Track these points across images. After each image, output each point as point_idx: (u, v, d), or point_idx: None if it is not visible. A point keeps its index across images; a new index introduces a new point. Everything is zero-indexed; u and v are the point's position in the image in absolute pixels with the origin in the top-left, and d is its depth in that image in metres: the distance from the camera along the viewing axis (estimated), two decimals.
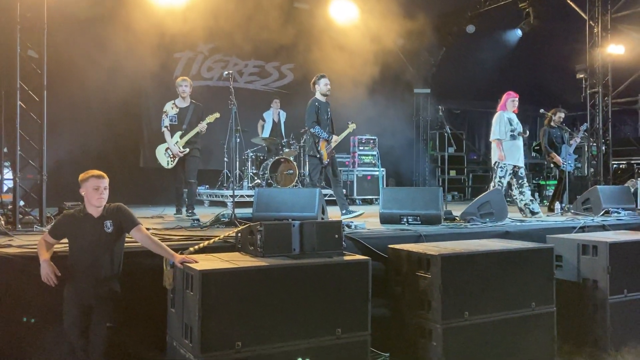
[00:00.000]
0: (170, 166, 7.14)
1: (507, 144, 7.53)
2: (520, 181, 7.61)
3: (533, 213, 7.45)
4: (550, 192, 10.39)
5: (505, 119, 7.64)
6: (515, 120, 7.74)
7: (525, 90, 7.80)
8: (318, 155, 7.24)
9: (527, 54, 13.60)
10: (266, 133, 10.95)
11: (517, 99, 7.78)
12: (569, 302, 5.20)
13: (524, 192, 7.62)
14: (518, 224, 6.58)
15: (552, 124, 8.97)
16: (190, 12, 11.26)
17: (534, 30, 12.14)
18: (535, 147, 13.79)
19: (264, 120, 11.10)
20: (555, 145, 8.85)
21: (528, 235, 5.91)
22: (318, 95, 7.37)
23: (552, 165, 9.13)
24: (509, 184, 7.63)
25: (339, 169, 11.76)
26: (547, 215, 7.92)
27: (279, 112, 11.23)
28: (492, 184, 7.60)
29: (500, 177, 7.49)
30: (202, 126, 7.02)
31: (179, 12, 11.23)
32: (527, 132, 8.11)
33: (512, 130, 7.57)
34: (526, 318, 4.64)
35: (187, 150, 7.07)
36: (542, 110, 9.12)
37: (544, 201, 11.48)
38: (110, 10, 10.54)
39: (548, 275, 4.81)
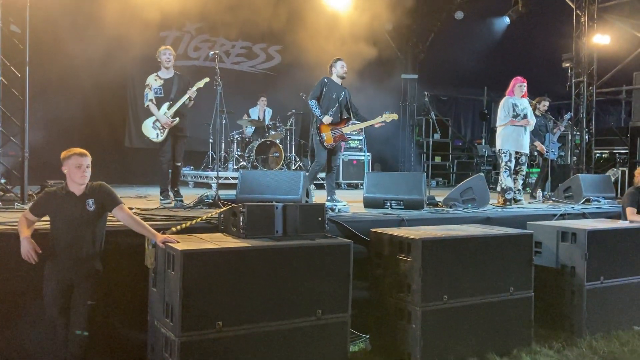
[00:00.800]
0: (160, 139, 6.58)
1: (509, 129, 7.46)
2: (517, 168, 7.56)
3: (515, 201, 7.50)
4: (533, 179, 10.48)
5: (509, 103, 7.52)
6: (522, 106, 7.57)
7: (511, 79, 7.83)
8: (318, 138, 6.98)
9: (515, 42, 13.64)
10: (250, 130, 10.86)
11: (524, 84, 7.63)
12: (546, 288, 5.30)
13: (516, 180, 7.60)
14: (499, 210, 6.66)
15: (536, 112, 9.02)
16: None
17: (522, 18, 12.18)
18: None
19: (249, 116, 11.02)
20: (540, 133, 8.91)
21: (509, 222, 5.98)
22: (334, 77, 7.14)
23: (535, 153, 9.22)
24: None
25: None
26: (529, 202, 8.01)
27: (264, 110, 11.15)
28: (501, 170, 7.52)
29: (506, 162, 7.42)
30: (192, 92, 6.58)
31: None
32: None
33: (515, 116, 7.45)
34: (504, 302, 4.73)
35: (177, 120, 6.61)
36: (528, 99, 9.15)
37: (527, 188, 11.58)
38: None
39: (527, 261, 4.90)
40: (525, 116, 7.53)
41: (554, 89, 12.81)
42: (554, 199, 8.24)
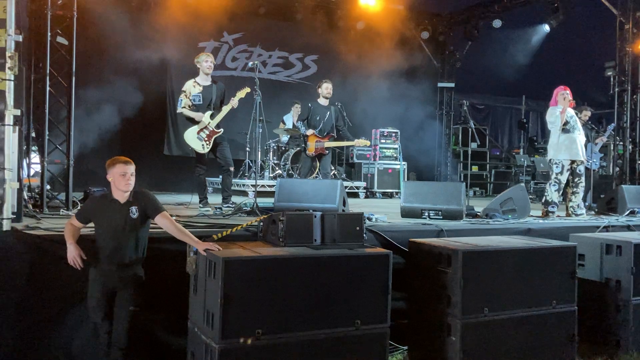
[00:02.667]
0: (206, 150, 6.58)
1: (560, 137, 7.13)
2: (576, 179, 7.24)
3: (576, 215, 7.24)
4: None
5: (556, 112, 7.21)
6: (570, 114, 7.27)
7: (551, 88, 7.69)
8: (303, 145, 8.20)
9: (554, 50, 13.42)
10: (285, 138, 10.95)
11: (567, 92, 7.29)
12: (590, 302, 5.14)
13: (576, 192, 7.32)
14: (541, 221, 6.53)
15: None
16: (216, 2, 11.33)
17: (561, 25, 11.95)
18: None
19: (284, 124, 11.10)
20: None
21: (551, 233, 5.85)
22: (320, 99, 8.15)
23: None
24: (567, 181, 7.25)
25: (361, 162, 11.85)
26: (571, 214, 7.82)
27: (298, 115, 11.22)
28: (549, 182, 7.30)
29: (556, 174, 7.17)
30: (235, 102, 6.65)
31: (205, 2, 11.30)
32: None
33: (565, 123, 7.14)
34: (546, 316, 4.61)
35: (222, 130, 6.68)
36: None
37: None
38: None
39: (570, 273, 4.76)
40: (576, 122, 7.26)
41: (596, 98, 12.54)
42: (596, 210, 8.03)
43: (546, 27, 12.38)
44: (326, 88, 8.14)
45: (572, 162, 7.21)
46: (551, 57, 13.60)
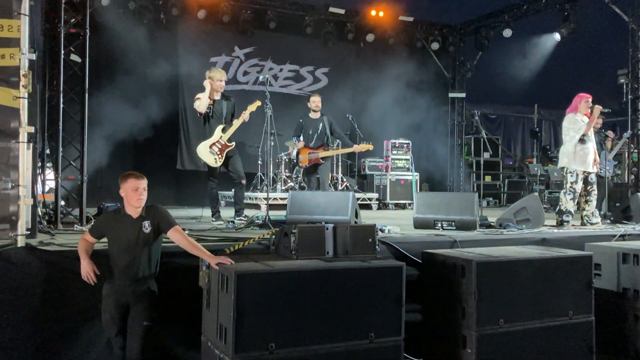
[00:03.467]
0: (218, 164, 6.64)
1: (575, 147, 7.08)
2: (588, 188, 7.20)
3: (591, 224, 7.17)
4: None
5: (574, 119, 7.15)
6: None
7: (563, 96, 7.62)
8: (295, 160, 8.61)
9: (566, 58, 13.35)
10: (295, 152, 10.95)
11: (590, 99, 7.24)
12: (608, 312, 5.06)
13: (589, 200, 7.27)
14: (555, 230, 6.46)
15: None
16: (227, 17, 11.45)
17: (573, 34, 11.90)
18: None
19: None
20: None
21: (565, 243, 5.78)
22: (310, 113, 8.46)
23: None
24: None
25: (373, 174, 11.83)
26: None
27: None
28: (563, 190, 7.23)
29: (571, 183, 7.09)
30: (246, 115, 6.69)
31: (216, 17, 11.43)
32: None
33: (584, 134, 7.04)
34: (563, 327, 4.54)
35: (234, 143, 6.75)
36: None
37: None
38: (150, 15, 10.78)
39: (586, 283, 4.70)
40: (592, 133, 7.23)
41: (609, 105, 12.42)
42: (612, 219, 7.93)
43: (557, 36, 12.32)
44: (313, 101, 8.43)
45: (584, 172, 7.17)
46: (563, 65, 13.54)
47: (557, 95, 15.93)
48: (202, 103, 6.65)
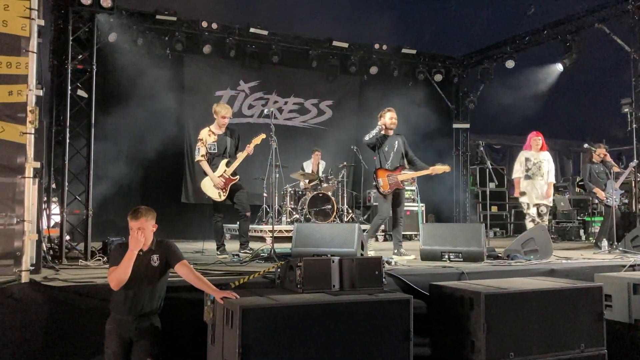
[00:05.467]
0: (222, 198, 6.64)
1: (524, 182, 8.12)
2: (539, 218, 7.97)
3: None
4: (596, 228, 10.06)
5: (522, 158, 8.26)
6: (535, 159, 8.17)
7: (568, 125, 7.72)
8: (374, 183, 7.07)
9: (569, 88, 13.42)
10: (302, 184, 11.00)
11: (539, 137, 8.37)
12: (620, 344, 4.96)
13: None
14: (564, 261, 6.38)
15: (593, 159, 8.83)
16: (231, 52, 11.61)
17: (576, 64, 11.99)
18: (579, 183, 13.47)
19: (303, 170, 11.16)
20: (599, 180, 8.66)
21: (575, 274, 5.71)
22: (384, 131, 7.08)
23: (596, 200, 8.91)
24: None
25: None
26: (594, 253, 7.66)
27: (318, 163, 11.26)
28: (527, 220, 8.09)
29: (526, 213, 8.09)
30: (250, 149, 6.69)
31: (221, 52, 11.59)
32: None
33: (527, 169, 8.09)
34: None
35: (238, 177, 6.72)
36: (586, 145, 8.96)
37: (590, 238, 11.12)
38: (156, 50, 10.94)
39: (597, 315, 4.61)
40: (539, 169, 8.11)
41: (614, 135, 12.44)
42: (621, 248, 7.84)
43: (560, 66, 12.41)
44: (391, 117, 7.05)
45: (535, 204, 8.06)
46: (566, 96, 13.60)
47: (561, 125, 16.01)
48: (203, 164, 6.72)
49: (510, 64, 12.74)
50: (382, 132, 7.01)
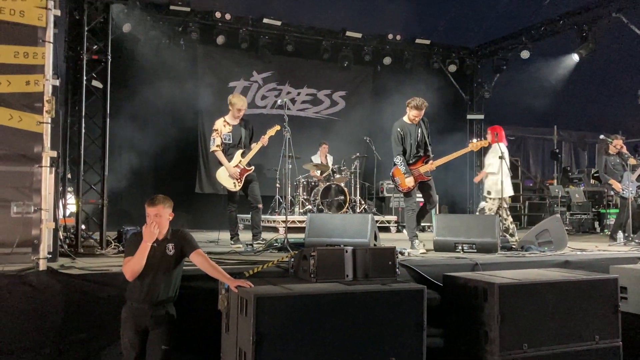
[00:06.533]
0: (237, 188, 6.67)
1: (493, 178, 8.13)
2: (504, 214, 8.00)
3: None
4: (611, 220, 9.98)
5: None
6: (500, 153, 7.91)
7: (584, 117, 7.62)
8: (393, 185, 6.83)
9: (585, 79, 13.26)
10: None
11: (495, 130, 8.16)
12: (635, 336, 4.93)
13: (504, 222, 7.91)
14: (579, 253, 6.34)
15: (609, 151, 8.73)
16: (245, 42, 11.61)
17: (592, 54, 11.83)
18: (595, 175, 13.36)
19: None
20: (615, 172, 8.57)
21: (590, 265, 5.67)
22: (405, 118, 6.74)
23: (612, 192, 8.83)
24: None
25: (391, 196, 11.77)
26: (609, 245, 7.60)
27: (326, 156, 11.24)
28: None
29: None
30: (265, 140, 6.72)
31: (234, 43, 11.59)
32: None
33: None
34: (590, 352, 4.42)
35: (253, 168, 6.76)
36: (602, 136, 8.86)
37: (605, 230, 11.04)
38: (170, 41, 10.96)
39: (613, 307, 4.58)
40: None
41: (630, 126, 12.30)
42: (636, 241, 7.78)
43: (575, 57, 12.26)
44: (415, 116, 6.64)
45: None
46: (582, 86, 13.44)
47: (576, 116, 15.84)
48: (218, 154, 6.72)
49: (525, 54, 12.59)
50: (404, 122, 6.71)
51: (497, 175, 7.93)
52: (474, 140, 7.04)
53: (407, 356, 3.84)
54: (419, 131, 6.70)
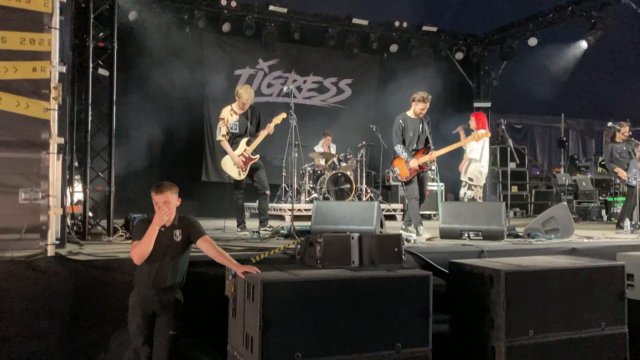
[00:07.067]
0: (242, 177, 6.71)
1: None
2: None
3: None
4: (618, 208, 9.94)
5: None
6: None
7: (591, 105, 7.56)
8: (393, 175, 7.14)
9: (593, 66, 13.17)
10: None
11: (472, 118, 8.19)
12: None
13: None
14: (585, 240, 6.33)
15: (616, 139, 8.67)
16: (250, 30, 11.57)
17: (600, 41, 11.73)
18: (601, 163, 13.29)
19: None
20: (621, 160, 8.51)
21: (596, 253, 5.66)
22: (409, 112, 6.96)
23: (618, 181, 8.79)
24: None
25: (397, 184, 11.75)
26: (617, 233, 7.58)
27: (329, 146, 11.21)
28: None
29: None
30: (271, 128, 6.72)
31: (240, 31, 11.56)
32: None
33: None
34: (595, 339, 4.43)
35: (258, 156, 6.78)
36: (610, 124, 8.79)
37: (612, 218, 11.00)
38: (175, 29, 10.95)
39: (619, 294, 4.58)
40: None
41: (638, 114, 12.21)
42: None
43: (584, 44, 12.15)
44: (421, 109, 6.85)
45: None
46: (590, 74, 13.34)
47: (584, 104, 15.75)
48: (224, 144, 6.75)
49: (532, 41, 12.50)
50: (407, 116, 6.91)
51: (479, 162, 8.02)
52: (473, 132, 7.26)
53: (413, 342, 3.85)
54: (421, 126, 6.89)
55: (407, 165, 6.77)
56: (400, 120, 6.87)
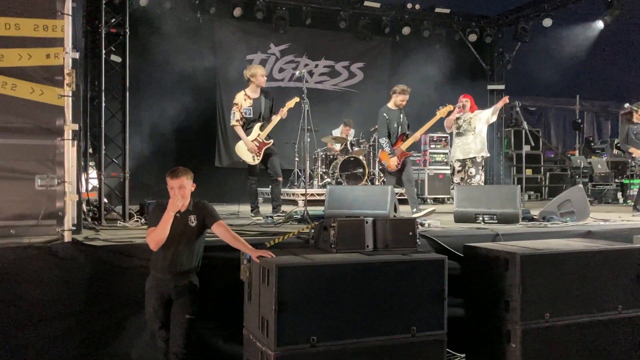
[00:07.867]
0: (256, 161, 6.70)
1: (455, 140, 7.90)
2: (468, 180, 7.72)
3: None
4: (634, 191, 9.82)
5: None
6: (465, 118, 7.74)
7: (607, 86, 7.42)
8: (381, 167, 7.65)
9: (609, 47, 12.96)
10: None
11: (466, 99, 7.87)
12: None
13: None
14: (601, 223, 6.27)
15: (633, 120, 8.54)
16: (262, 15, 11.52)
17: (617, 21, 11.52)
18: (617, 145, 13.13)
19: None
20: (637, 141, 8.40)
21: (612, 235, 5.60)
22: (390, 104, 7.51)
23: (634, 162, 8.67)
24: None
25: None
26: (633, 215, 7.50)
27: (347, 136, 11.17)
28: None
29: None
30: (284, 113, 6.69)
31: (251, 15, 11.51)
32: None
33: (457, 127, 7.79)
34: (612, 322, 4.40)
35: (272, 141, 6.76)
36: (627, 105, 8.66)
37: (628, 200, 10.89)
38: (187, 14, 10.92)
39: (636, 277, 4.54)
40: (469, 124, 7.70)
41: None
42: None
43: (600, 24, 11.94)
44: (402, 100, 7.44)
45: (464, 160, 7.63)
46: (606, 55, 13.13)
47: (600, 86, 15.52)
48: (237, 129, 6.75)
49: (547, 22, 12.30)
50: (389, 108, 7.42)
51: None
52: (440, 108, 7.50)
53: (428, 325, 3.85)
54: (401, 116, 7.48)
55: (390, 157, 7.35)
56: (385, 114, 7.41)
